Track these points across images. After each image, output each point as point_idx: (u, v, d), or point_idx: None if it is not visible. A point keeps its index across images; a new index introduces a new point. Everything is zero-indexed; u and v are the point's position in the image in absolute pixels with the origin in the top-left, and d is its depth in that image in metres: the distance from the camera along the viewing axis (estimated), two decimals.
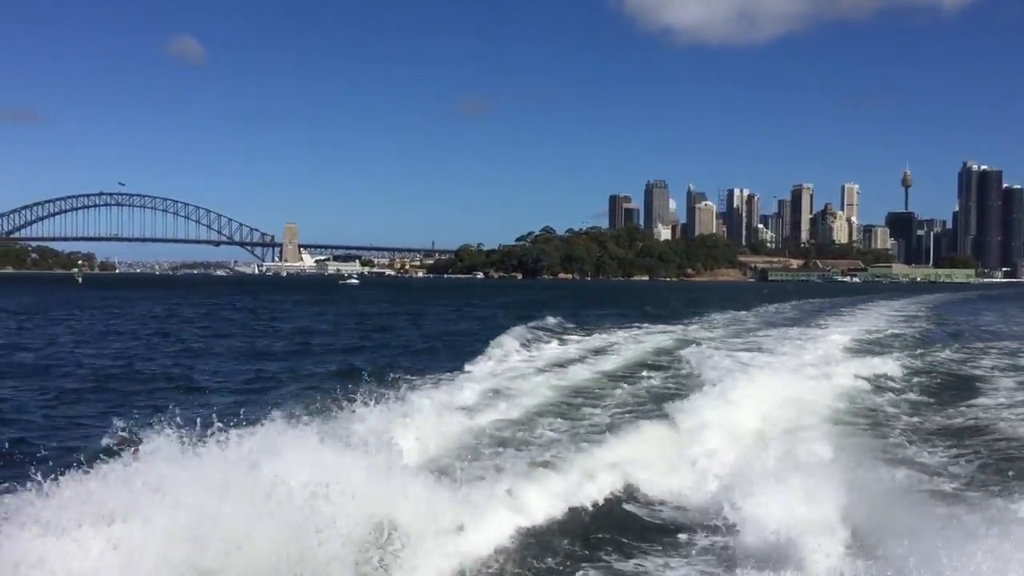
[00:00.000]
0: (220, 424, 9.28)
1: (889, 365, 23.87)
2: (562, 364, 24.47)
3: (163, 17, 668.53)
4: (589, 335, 35.81)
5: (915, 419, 16.67)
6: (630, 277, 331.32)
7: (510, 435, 14.07)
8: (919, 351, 29.18)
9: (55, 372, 26.03)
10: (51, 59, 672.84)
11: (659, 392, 19.18)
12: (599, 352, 28.78)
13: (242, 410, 11.24)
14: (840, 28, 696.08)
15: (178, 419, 9.34)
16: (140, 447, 9.15)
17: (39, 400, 20.46)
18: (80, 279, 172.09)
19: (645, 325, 42.01)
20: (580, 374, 22.03)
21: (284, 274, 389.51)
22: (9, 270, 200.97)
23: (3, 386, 22.59)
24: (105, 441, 11.63)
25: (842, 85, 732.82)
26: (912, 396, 19.73)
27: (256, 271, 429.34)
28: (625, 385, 20.35)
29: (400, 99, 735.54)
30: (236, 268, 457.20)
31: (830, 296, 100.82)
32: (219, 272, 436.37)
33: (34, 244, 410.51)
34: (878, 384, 20.89)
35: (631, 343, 32.05)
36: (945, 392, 20.34)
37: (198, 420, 9.49)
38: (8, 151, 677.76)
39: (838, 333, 37.21)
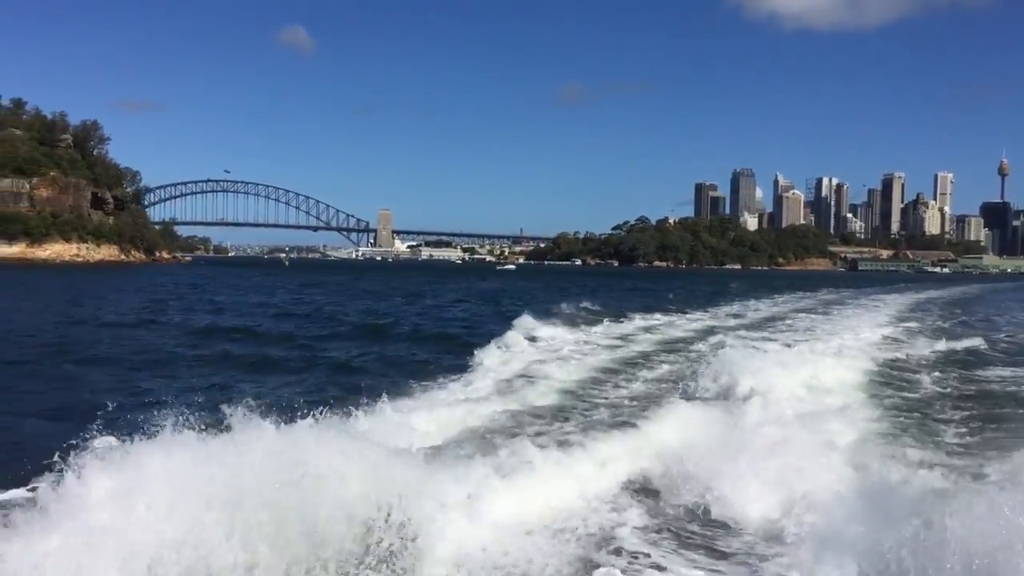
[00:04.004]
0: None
1: (922, 349, 26.39)
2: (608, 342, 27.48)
3: (277, 6, 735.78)
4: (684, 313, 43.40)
5: (940, 402, 17.74)
6: (722, 266, 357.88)
7: (538, 414, 15.24)
8: (952, 336, 32.10)
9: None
10: (172, 50, 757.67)
11: (686, 378, 19.99)
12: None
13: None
14: (952, 14, 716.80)
15: None
16: None
17: None
18: (287, 263, 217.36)
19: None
20: (628, 350, 24.96)
21: (379, 258, 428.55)
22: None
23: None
24: None
25: (942, 72, 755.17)
26: (941, 379, 20.90)
27: (354, 255, 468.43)
28: (656, 366, 22.38)
29: (497, 87, 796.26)
30: (327, 252, 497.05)
31: (919, 281, 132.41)
32: (314, 256, 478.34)
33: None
34: (910, 366, 22.68)
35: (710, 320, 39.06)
36: (973, 375, 21.94)
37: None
38: (130, 140, 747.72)
39: (883, 315, 42.17)
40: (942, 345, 28.03)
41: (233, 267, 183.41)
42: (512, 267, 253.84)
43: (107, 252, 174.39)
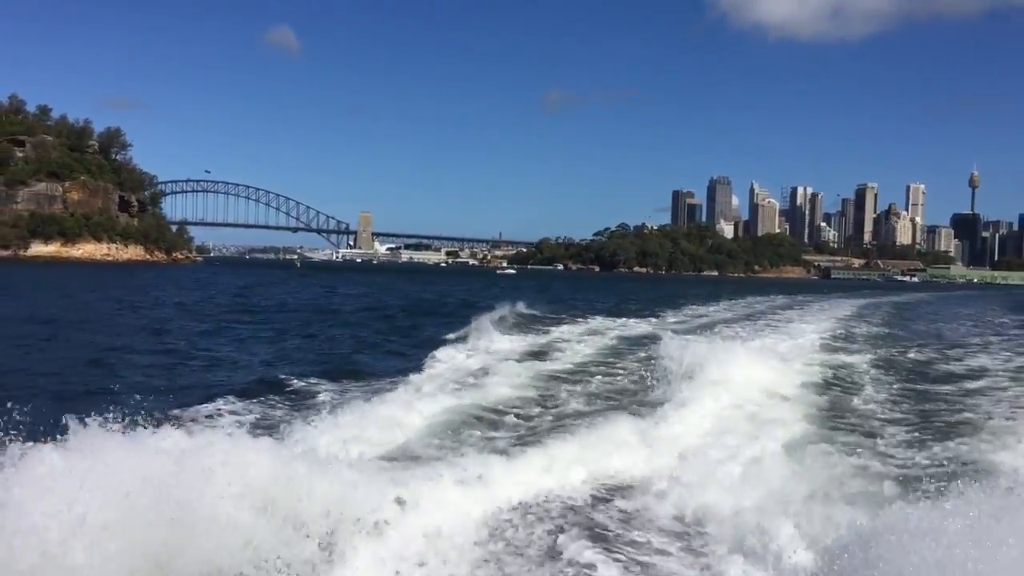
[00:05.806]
0: None
1: (862, 356, 26.77)
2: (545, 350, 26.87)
3: (265, 6, 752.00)
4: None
5: (882, 406, 17.69)
6: (700, 272, 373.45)
7: (479, 419, 14.95)
8: (895, 343, 33.26)
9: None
10: (156, 49, 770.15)
11: (634, 380, 20.41)
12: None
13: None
14: (930, 27, 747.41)
15: None
16: None
17: None
18: (299, 264, 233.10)
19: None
20: (573, 356, 25.10)
21: (359, 260, 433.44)
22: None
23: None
24: None
25: (917, 85, 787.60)
26: (882, 384, 21.08)
27: (335, 256, 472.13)
28: (606, 373, 21.88)
29: (480, 93, 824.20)
30: (304, 254, 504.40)
31: (885, 289, 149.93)
32: (288, 257, 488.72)
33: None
34: (851, 371, 22.92)
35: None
36: (914, 380, 21.95)
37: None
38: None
39: (824, 323, 42.63)
40: (882, 346, 30.74)
41: (251, 268, 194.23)
42: (512, 271, 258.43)
43: (134, 252, 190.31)
